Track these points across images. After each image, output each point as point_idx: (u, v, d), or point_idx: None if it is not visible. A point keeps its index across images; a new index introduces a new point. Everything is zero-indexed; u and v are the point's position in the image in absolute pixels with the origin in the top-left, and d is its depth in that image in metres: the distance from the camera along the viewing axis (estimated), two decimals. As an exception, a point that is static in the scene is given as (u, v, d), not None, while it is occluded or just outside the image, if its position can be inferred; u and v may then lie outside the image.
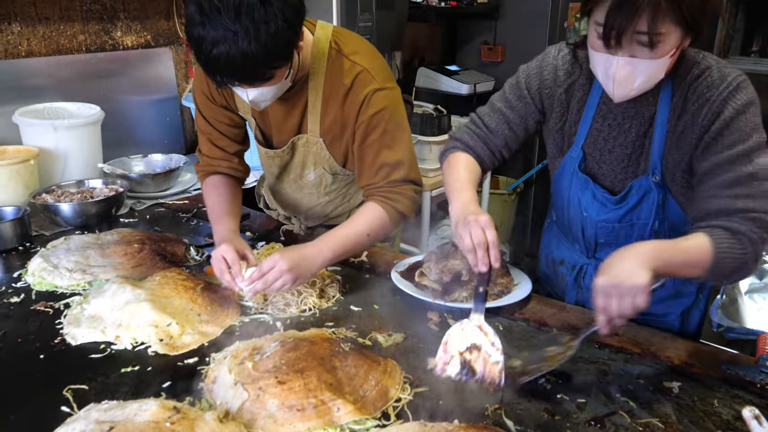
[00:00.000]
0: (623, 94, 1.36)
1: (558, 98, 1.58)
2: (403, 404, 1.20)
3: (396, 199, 1.72)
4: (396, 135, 1.72)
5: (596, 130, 1.53)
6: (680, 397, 1.23)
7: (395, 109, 1.72)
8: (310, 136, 1.80)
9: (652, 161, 1.46)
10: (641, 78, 1.32)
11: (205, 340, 1.44)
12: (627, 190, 1.52)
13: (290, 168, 1.93)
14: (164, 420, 1.06)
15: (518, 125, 1.64)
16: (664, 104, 1.42)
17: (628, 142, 1.49)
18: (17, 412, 1.20)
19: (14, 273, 1.77)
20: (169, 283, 1.60)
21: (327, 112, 1.74)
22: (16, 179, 2.16)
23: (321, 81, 1.70)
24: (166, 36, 3.00)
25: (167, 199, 2.44)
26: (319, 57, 1.69)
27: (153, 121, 3.00)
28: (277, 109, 1.78)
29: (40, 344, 1.43)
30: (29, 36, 2.53)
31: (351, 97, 1.69)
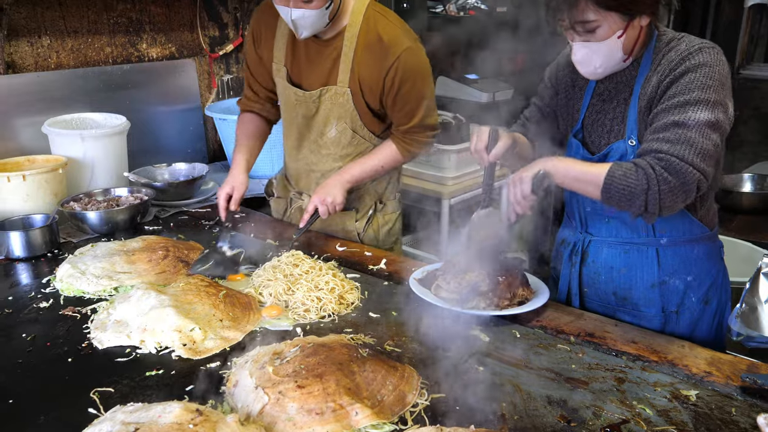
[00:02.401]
0: (588, 72, 1.57)
1: (564, 79, 1.78)
2: (420, 409, 1.22)
3: (412, 143, 2.05)
4: (421, 90, 1.98)
5: (592, 105, 1.70)
6: (697, 406, 1.23)
7: (424, 66, 1.98)
8: (338, 87, 1.98)
9: (629, 126, 1.60)
10: (599, 58, 1.52)
11: (227, 345, 1.46)
12: (606, 151, 1.64)
13: (313, 124, 2.08)
14: (187, 422, 1.08)
15: (547, 110, 1.84)
16: (642, 75, 1.57)
17: (611, 111, 1.65)
18: (46, 414, 1.23)
19: (43, 279, 1.82)
20: (192, 290, 1.63)
21: (359, 62, 1.94)
22: (45, 188, 2.21)
23: (356, 32, 1.93)
24: (190, 48, 3.06)
25: (190, 207, 2.48)
26: (358, 12, 1.93)
27: (177, 130, 3.04)
28: (312, 53, 2.00)
29: (68, 348, 1.46)
30: (58, 48, 2.60)
31: (384, 51, 1.91)
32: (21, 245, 1.95)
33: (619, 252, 1.71)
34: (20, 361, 1.42)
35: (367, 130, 2.06)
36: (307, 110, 2.06)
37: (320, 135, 2.08)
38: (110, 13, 2.73)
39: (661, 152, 1.42)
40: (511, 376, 1.33)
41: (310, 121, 2.08)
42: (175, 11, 2.95)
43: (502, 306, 1.56)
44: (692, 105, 1.42)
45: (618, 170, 1.44)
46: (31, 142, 2.46)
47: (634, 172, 1.42)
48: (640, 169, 1.41)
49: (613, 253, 1.72)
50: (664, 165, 1.40)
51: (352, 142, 2.07)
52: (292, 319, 1.59)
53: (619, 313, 1.72)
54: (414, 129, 2.02)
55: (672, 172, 1.39)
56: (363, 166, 2.05)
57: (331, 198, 1.97)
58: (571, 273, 1.81)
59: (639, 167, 1.42)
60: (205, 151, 3.17)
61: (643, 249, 1.67)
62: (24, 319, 1.60)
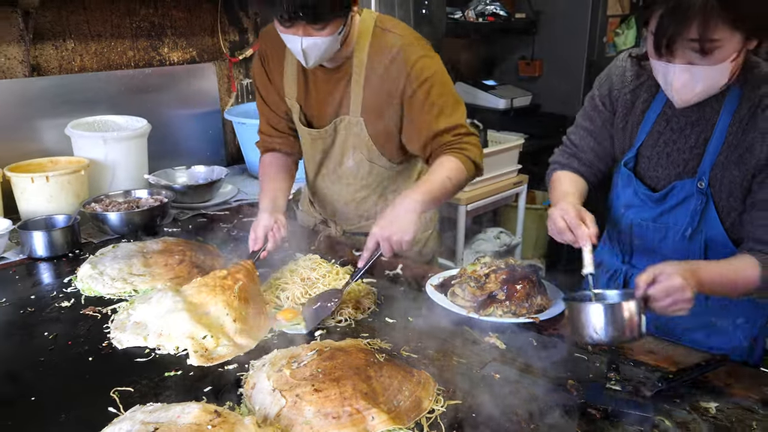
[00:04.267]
0: (684, 100, 1.37)
1: (623, 98, 1.60)
2: (436, 416, 1.21)
3: (465, 148, 1.82)
4: (449, 98, 1.83)
5: (657, 132, 1.54)
6: (717, 418, 1.22)
7: (442, 73, 1.83)
8: (351, 116, 1.89)
9: (702, 167, 1.45)
10: (701, 84, 1.32)
11: (240, 351, 1.46)
12: (669, 189, 1.51)
13: (331, 154, 2.00)
14: (206, 423, 1.09)
15: (601, 135, 1.68)
16: (728, 112, 1.41)
17: (687, 147, 1.49)
18: (67, 412, 1.24)
19: (65, 278, 1.84)
20: (208, 284, 1.61)
21: (369, 86, 1.84)
22: (68, 189, 2.24)
23: (364, 56, 1.83)
24: (210, 52, 3.09)
25: (209, 209, 2.50)
26: (364, 34, 1.83)
27: (196, 133, 3.07)
28: (321, 84, 1.89)
29: (88, 347, 1.48)
30: (82, 52, 2.64)
31: (396, 66, 1.80)
32: (43, 245, 1.98)
33: None
34: (42, 359, 1.44)
35: (385, 159, 1.97)
36: (324, 144, 1.99)
37: (338, 165, 2.02)
38: (133, 18, 2.77)
39: None
40: (527, 384, 1.32)
41: (327, 153, 2.01)
42: (197, 16, 2.99)
43: (519, 314, 1.56)
44: None
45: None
46: (55, 144, 2.50)
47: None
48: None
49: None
50: None
51: (371, 172, 1.99)
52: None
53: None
54: (448, 134, 1.83)
55: None
56: (432, 182, 1.75)
57: (399, 236, 1.63)
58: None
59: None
60: (224, 154, 3.20)
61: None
62: (46, 318, 1.63)
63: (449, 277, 1.75)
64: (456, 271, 1.77)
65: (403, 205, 1.68)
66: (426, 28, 3.47)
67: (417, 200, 1.68)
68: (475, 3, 4.23)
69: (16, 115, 2.43)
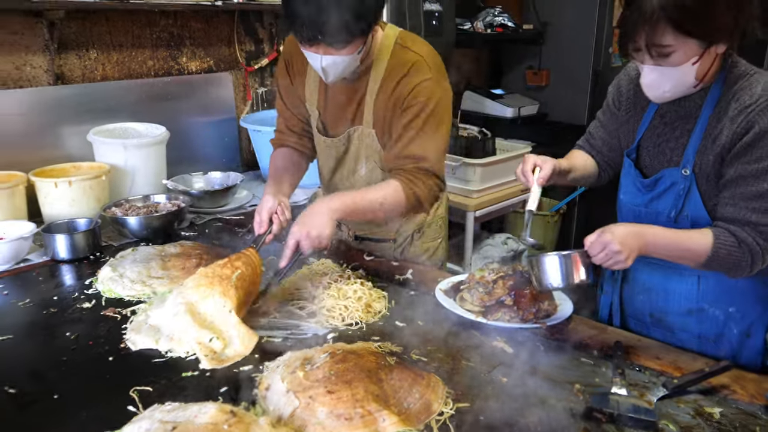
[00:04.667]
0: (655, 96, 1.50)
1: (628, 97, 1.72)
2: (445, 418, 1.22)
3: (416, 183, 1.80)
4: (432, 130, 1.80)
5: (653, 126, 1.64)
6: (721, 423, 1.21)
7: (439, 102, 1.80)
8: (364, 127, 1.89)
9: (686, 155, 1.53)
10: (669, 83, 1.44)
11: (247, 351, 1.45)
12: (658, 176, 1.60)
13: (345, 161, 2.00)
14: (222, 422, 1.09)
15: (610, 127, 1.80)
16: (709, 106, 1.50)
17: (674, 138, 1.58)
18: (88, 410, 1.25)
19: (86, 280, 1.86)
20: (207, 275, 1.59)
21: (380, 99, 1.84)
22: (89, 193, 2.26)
23: (382, 70, 1.83)
24: (227, 61, 3.11)
25: (225, 214, 2.52)
26: (385, 49, 1.82)
27: (213, 140, 3.09)
28: (339, 95, 1.89)
29: (108, 347, 1.49)
30: (104, 61, 2.67)
31: (405, 81, 1.79)
32: (66, 248, 2.00)
33: (658, 274, 1.67)
34: (65, 358, 1.45)
35: None
36: (337, 152, 1.99)
37: (352, 173, 2.02)
38: (153, 28, 2.79)
39: (761, 225, 1.41)
40: (534, 388, 1.32)
41: (341, 160, 2.01)
42: (214, 27, 3.01)
43: (526, 319, 1.55)
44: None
45: (722, 249, 1.41)
46: (77, 150, 2.52)
47: (737, 249, 1.40)
48: (744, 246, 1.41)
49: (652, 274, 1.69)
50: (766, 238, 1.41)
51: (383, 179, 1.95)
52: (322, 323, 1.61)
53: (654, 334, 1.68)
54: (410, 162, 1.80)
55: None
56: (359, 196, 1.78)
57: (316, 232, 1.66)
58: (614, 289, 1.79)
59: (743, 243, 1.41)
60: (239, 160, 3.22)
61: (684, 273, 1.61)
62: (68, 318, 1.64)
63: (458, 283, 1.75)
64: (464, 276, 1.77)
65: (319, 208, 1.72)
66: (436, 39, 3.48)
67: (332, 208, 1.72)
68: (483, 14, 4.23)
69: (41, 122, 2.46)
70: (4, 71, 2.40)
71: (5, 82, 2.41)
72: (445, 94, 1.83)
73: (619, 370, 1.33)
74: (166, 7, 2.68)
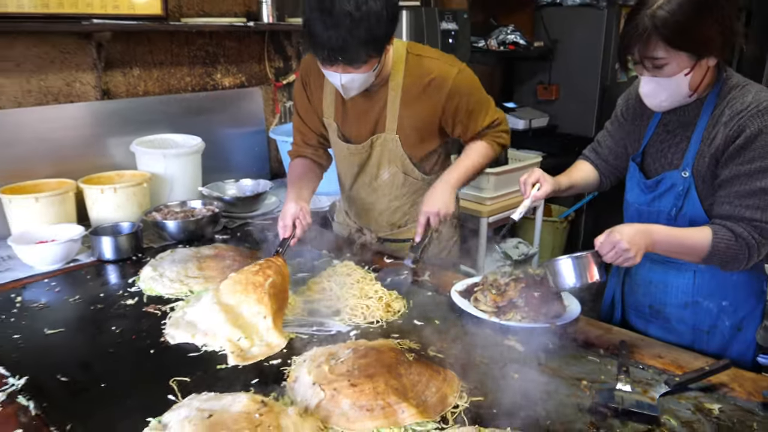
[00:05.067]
0: (653, 104, 1.53)
1: (634, 108, 1.73)
2: (460, 410, 1.23)
3: (498, 135, 1.99)
4: (483, 102, 1.95)
5: (657, 134, 1.66)
6: (720, 419, 1.21)
7: (472, 81, 1.93)
8: (387, 134, 1.92)
9: (685, 159, 1.56)
10: (665, 92, 1.48)
11: (272, 351, 1.46)
12: (660, 178, 1.62)
13: (367, 168, 2.02)
14: (254, 411, 1.12)
15: (617, 136, 1.81)
16: (705, 114, 1.53)
17: (675, 143, 1.61)
18: (131, 398, 1.28)
19: (129, 279, 1.89)
20: (241, 282, 1.62)
21: (407, 107, 1.88)
22: (132, 199, 2.30)
23: (400, 79, 1.86)
24: (258, 77, 3.15)
25: (255, 218, 2.54)
26: (398, 60, 1.86)
27: (244, 150, 3.11)
28: (358, 106, 1.92)
29: (150, 341, 1.52)
30: (146, 78, 2.72)
31: (435, 88, 1.85)
32: (111, 249, 2.04)
33: (658, 269, 1.69)
34: (111, 350, 1.48)
35: (419, 172, 2.00)
36: (360, 158, 2.01)
37: (374, 178, 2.04)
38: (190, 47, 2.84)
39: (755, 220, 1.43)
40: (544, 383, 1.33)
41: (363, 166, 2.03)
42: (246, 45, 3.06)
43: (537, 319, 1.56)
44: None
45: (720, 243, 1.44)
46: (121, 159, 2.57)
47: (735, 243, 1.43)
48: (741, 240, 1.43)
49: (652, 269, 1.70)
50: (760, 232, 1.43)
51: (405, 183, 2.02)
52: (345, 321, 1.62)
53: (652, 326, 1.71)
54: (488, 129, 1.97)
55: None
56: (464, 166, 1.94)
57: (444, 209, 1.83)
58: (616, 283, 1.82)
59: (740, 238, 1.43)
60: (268, 169, 3.24)
61: (681, 268, 1.64)
62: (113, 314, 1.67)
63: (472, 284, 1.76)
64: (479, 278, 1.77)
65: (442, 187, 1.87)
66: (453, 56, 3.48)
67: (452, 184, 1.89)
68: (497, 33, 4.23)
69: (89, 133, 2.50)
70: (56, 87, 2.45)
71: (57, 98, 2.46)
72: (469, 74, 1.92)
73: (624, 367, 1.33)
74: (203, 28, 2.72)
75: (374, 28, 1.58)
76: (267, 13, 2.94)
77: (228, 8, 2.95)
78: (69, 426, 1.19)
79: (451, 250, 2.18)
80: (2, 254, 2.11)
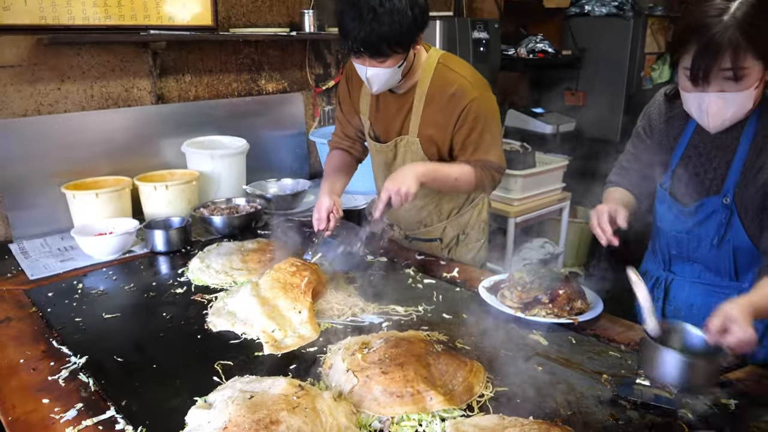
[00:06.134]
0: (718, 125, 1.37)
1: (659, 128, 1.61)
2: (485, 400, 1.23)
3: (485, 173, 1.87)
4: (489, 137, 1.86)
5: (687, 157, 1.54)
6: (736, 414, 1.18)
7: (487, 114, 1.85)
8: (410, 137, 1.92)
9: (726, 185, 1.45)
10: (732, 109, 1.32)
11: (303, 342, 1.48)
12: (699, 204, 1.51)
13: (393, 168, 2.02)
14: (292, 394, 1.14)
15: (644, 158, 1.66)
16: (747, 137, 1.41)
17: (712, 169, 1.49)
18: (180, 378, 1.32)
19: (178, 270, 1.94)
20: (279, 280, 1.65)
21: (427, 114, 1.87)
22: (182, 196, 2.35)
23: (426, 87, 1.86)
24: (299, 83, 3.18)
25: (294, 215, 2.56)
26: (428, 68, 1.85)
27: (285, 151, 3.14)
28: (389, 106, 1.94)
29: (197, 327, 1.56)
30: (197, 84, 2.78)
31: (453, 103, 1.82)
32: (162, 242, 2.09)
33: (700, 291, 1.60)
34: (162, 335, 1.52)
35: None
36: (387, 157, 2.03)
37: None
38: (237, 56, 2.89)
39: None
40: (566, 376, 1.32)
41: (390, 166, 2.04)
42: (289, 54, 3.09)
43: (561, 315, 1.55)
44: None
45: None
46: (173, 159, 2.62)
47: None
48: None
49: (694, 292, 1.62)
50: None
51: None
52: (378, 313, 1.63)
53: None
54: (482, 162, 1.87)
55: None
56: (439, 167, 1.84)
57: (405, 188, 1.72)
58: (656, 307, 1.70)
59: None
60: (308, 169, 3.27)
61: (725, 291, 1.54)
62: (164, 301, 1.72)
63: (499, 281, 1.75)
64: (505, 276, 1.77)
65: (408, 170, 1.77)
66: (483, 65, 3.47)
67: (418, 171, 1.76)
68: (526, 41, 4.20)
69: (144, 135, 2.56)
70: (115, 93, 2.53)
71: (117, 102, 2.54)
72: (490, 103, 1.86)
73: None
74: (249, 37, 2.77)
75: (396, 24, 1.60)
76: (309, 23, 2.97)
77: (273, 19, 2.99)
78: (124, 402, 1.23)
79: (480, 249, 2.17)
80: (66, 245, 2.19)
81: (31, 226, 2.28)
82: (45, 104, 2.35)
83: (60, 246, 2.18)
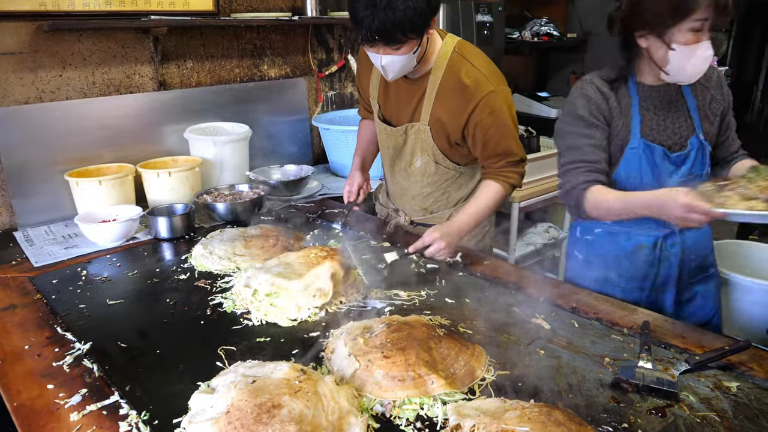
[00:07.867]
0: (703, 69, 1.54)
1: (603, 104, 1.67)
2: (487, 383, 1.23)
3: (509, 176, 1.88)
4: (507, 129, 1.84)
5: (647, 118, 1.67)
6: (737, 396, 1.18)
7: (503, 107, 1.82)
8: (420, 124, 1.91)
9: (695, 125, 1.67)
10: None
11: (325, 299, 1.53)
12: (688, 148, 1.67)
13: (402, 154, 2.03)
14: (294, 378, 1.14)
15: (604, 142, 1.67)
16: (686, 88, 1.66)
17: (672, 115, 1.67)
18: (184, 363, 1.33)
19: (182, 256, 1.95)
20: (308, 255, 1.67)
21: (439, 103, 1.86)
22: (185, 183, 2.36)
23: (440, 75, 1.83)
24: (302, 69, 3.17)
25: (298, 201, 2.57)
26: (443, 57, 1.83)
27: (288, 137, 3.13)
28: (400, 91, 1.93)
29: (200, 312, 1.57)
30: (199, 70, 2.77)
31: (467, 95, 1.80)
32: (166, 228, 2.10)
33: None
34: (165, 321, 1.53)
35: (450, 161, 1.97)
36: (396, 142, 2.02)
37: (409, 164, 2.03)
38: (239, 41, 2.87)
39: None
40: (568, 360, 1.32)
41: (399, 152, 2.03)
42: (291, 39, 3.07)
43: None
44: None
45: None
46: (175, 145, 2.62)
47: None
48: None
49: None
50: None
51: (437, 171, 2.00)
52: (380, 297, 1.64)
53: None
54: (502, 166, 1.87)
55: None
56: (474, 212, 1.86)
57: (448, 250, 1.81)
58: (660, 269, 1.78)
59: None
60: (311, 155, 3.27)
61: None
62: (167, 287, 1.73)
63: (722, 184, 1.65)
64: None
65: (458, 227, 1.84)
66: (487, 47, 3.43)
67: (466, 229, 1.86)
68: (531, 24, 4.15)
69: (146, 122, 2.56)
70: (117, 79, 2.52)
71: (118, 89, 2.53)
72: (505, 96, 1.83)
73: (646, 346, 1.31)
74: (251, 22, 2.75)
75: (410, 9, 1.58)
76: (311, 7, 2.94)
77: (274, 3, 2.97)
78: (128, 387, 1.24)
79: (485, 236, 2.17)
80: (69, 232, 2.20)
81: (35, 214, 2.29)
82: (47, 91, 2.35)
83: (64, 233, 2.19)
